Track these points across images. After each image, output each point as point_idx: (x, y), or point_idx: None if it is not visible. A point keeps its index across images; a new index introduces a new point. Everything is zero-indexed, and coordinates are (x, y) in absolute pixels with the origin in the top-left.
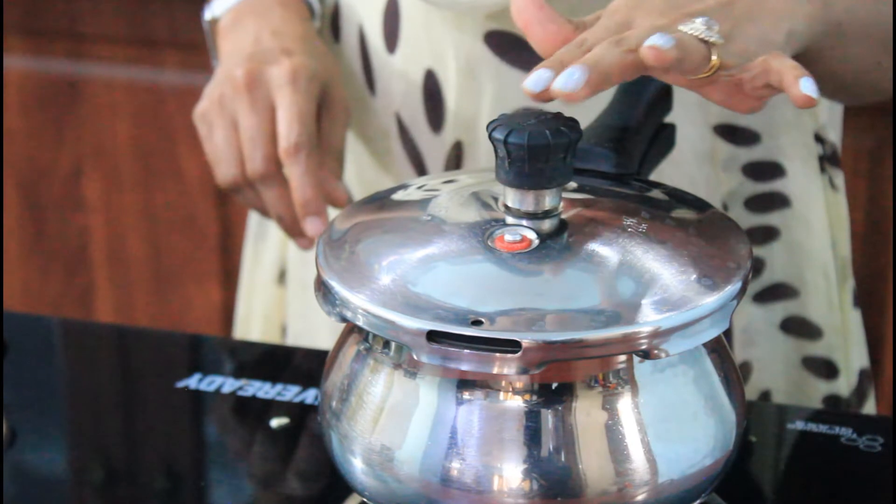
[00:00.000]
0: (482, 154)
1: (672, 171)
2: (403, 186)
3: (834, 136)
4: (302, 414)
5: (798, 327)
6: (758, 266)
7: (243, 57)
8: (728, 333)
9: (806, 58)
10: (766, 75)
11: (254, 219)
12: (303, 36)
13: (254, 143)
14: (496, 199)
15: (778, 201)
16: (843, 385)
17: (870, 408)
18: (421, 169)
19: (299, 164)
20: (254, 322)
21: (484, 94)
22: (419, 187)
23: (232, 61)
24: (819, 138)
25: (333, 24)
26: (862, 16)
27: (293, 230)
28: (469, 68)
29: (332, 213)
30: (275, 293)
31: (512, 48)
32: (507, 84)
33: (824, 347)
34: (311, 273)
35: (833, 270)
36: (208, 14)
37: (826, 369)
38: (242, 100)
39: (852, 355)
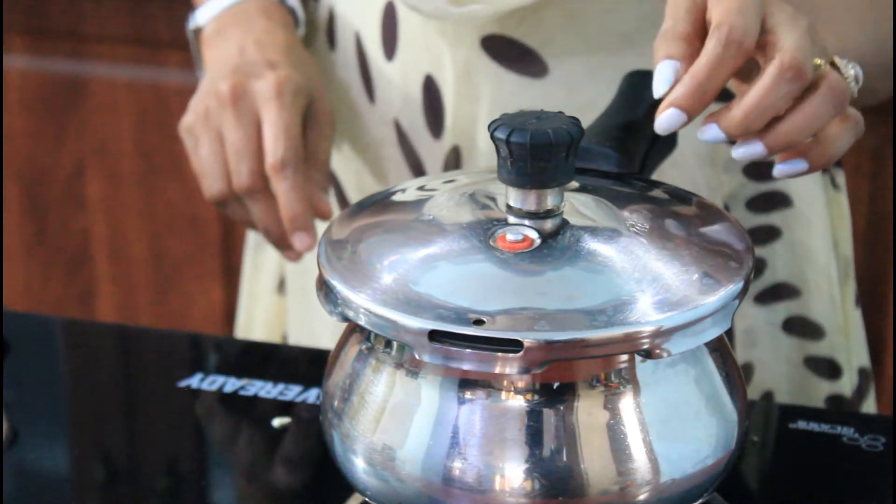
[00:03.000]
0: (480, 158)
1: (674, 173)
2: (404, 187)
3: None
4: (304, 413)
5: (800, 327)
6: (759, 266)
7: (228, 70)
8: (730, 334)
9: None
10: None
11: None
12: (287, 46)
13: (240, 157)
14: (496, 200)
15: (779, 201)
16: (847, 385)
17: (869, 405)
18: (420, 174)
19: (286, 180)
20: (255, 331)
21: (482, 99)
22: (420, 187)
23: (216, 74)
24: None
25: (329, 32)
26: (867, 59)
27: (281, 243)
28: (467, 73)
29: (319, 225)
30: (275, 302)
31: (509, 53)
32: (504, 88)
33: (827, 347)
34: (310, 281)
35: (835, 270)
36: (192, 24)
37: (829, 369)
38: (228, 114)
39: (853, 354)
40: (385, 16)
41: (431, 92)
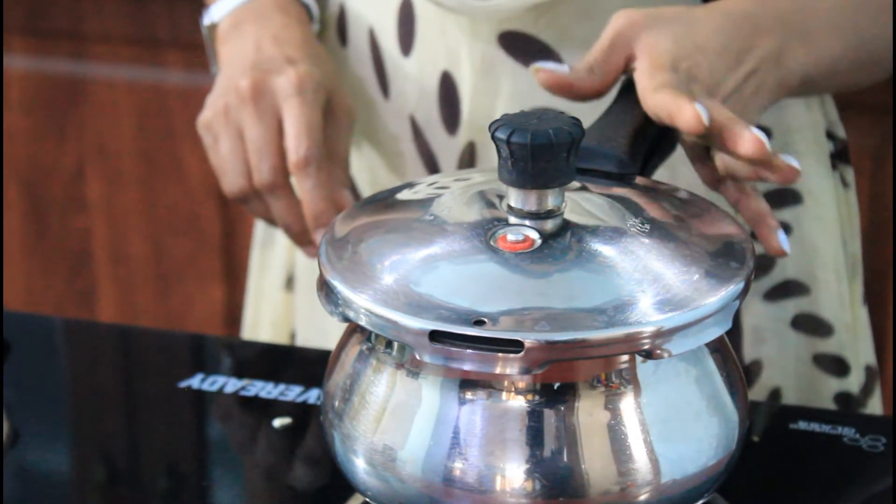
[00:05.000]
0: (495, 154)
1: (685, 170)
2: (406, 186)
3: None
4: (304, 414)
5: (809, 324)
6: (768, 263)
7: (246, 66)
8: (738, 332)
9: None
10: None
11: (259, 226)
12: (304, 42)
13: (261, 154)
14: (499, 199)
15: (790, 198)
16: (854, 382)
17: (875, 404)
18: (434, 170)
19: (309, 177)
20: (262, 328)
21: (499, 95)
22: (422, 187)
23: (235, 70)
24: (830, 135)
25: (339, 28)
26: (843, 64)
27: (301, 239)
28: (484, 69)
29: None
30: (282, 299)
31: (526, 49)
32: (521, 84)
33: (835, 345)
34: None
35: (843, 267)
36: (207, 19)
37: (837, 367)
38: (248, 110)
39: (860, 352)
40: (401, 12)
41: (448, 87)
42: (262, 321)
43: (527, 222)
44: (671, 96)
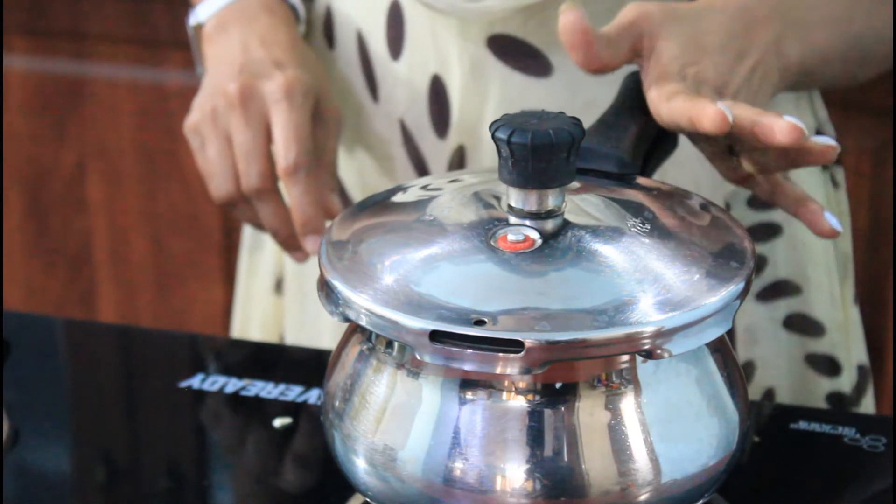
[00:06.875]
0: (484, 157)
1: (676, 172)
2: (406, 187)
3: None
4: (305, 414)
5: (801, 324)
6: (760, 263)
7: (234, 69)
8: (731, 333)
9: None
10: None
11: (247, 231)
12: (291, 44)
13: (248, 158)
14: (499, 199)
15: None
16: (846, 382)
17: (867, 403)
18: (424, 174)
19: (298, 184)
20: (251, 332)
21: (488, 98)
22: (422, 187)
23: (222, 72)
24: (820, 135)
25: (326, 31)
26: (837, 57)
27: (289, 244)
28: (473, 72)
29: (327, 225)
30: (272, 302)
31: (515, 52)
32: (510, 87)
33: (827, 344)
34: (308, 282)
35: (835, 267)
36: (193, 20)
37: (829, 366)
38: (236, 115)
39: (852, 352)
40: (390, 15)
41: (438, 91)
42: (251, 324)
43: (527, 222)
44: (688, 101)
